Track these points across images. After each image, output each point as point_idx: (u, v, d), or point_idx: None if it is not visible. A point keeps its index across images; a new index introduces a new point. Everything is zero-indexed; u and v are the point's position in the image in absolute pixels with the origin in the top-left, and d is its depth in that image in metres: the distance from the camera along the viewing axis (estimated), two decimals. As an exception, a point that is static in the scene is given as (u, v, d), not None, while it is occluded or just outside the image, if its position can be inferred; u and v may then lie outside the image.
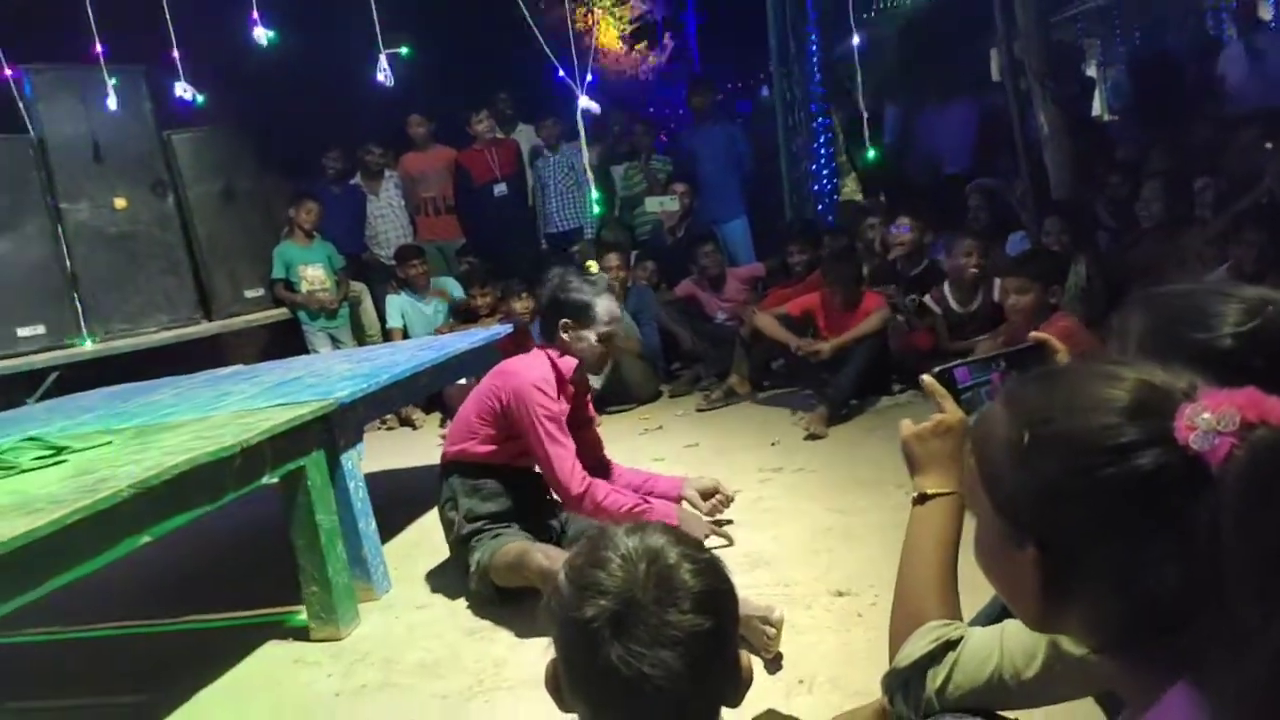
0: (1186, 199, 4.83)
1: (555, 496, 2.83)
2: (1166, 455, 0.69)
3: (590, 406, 3.10)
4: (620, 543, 0.92)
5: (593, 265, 2.82)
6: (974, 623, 1.22)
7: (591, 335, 2.79)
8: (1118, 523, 0.70)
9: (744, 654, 0.95)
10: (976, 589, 1.06)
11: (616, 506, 2.66)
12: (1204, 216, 4.68)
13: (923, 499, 1.25)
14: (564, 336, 2.80)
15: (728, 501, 3.04)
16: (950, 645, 1.12)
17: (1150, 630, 0.71)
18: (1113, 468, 0.70)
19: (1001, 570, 0.81)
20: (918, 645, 1.14)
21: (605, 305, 2.81)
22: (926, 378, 1.28)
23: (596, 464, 3.02)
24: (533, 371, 2.76)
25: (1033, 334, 1.35)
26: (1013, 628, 1.10)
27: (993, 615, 1.44)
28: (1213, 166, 5.33)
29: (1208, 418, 0.67)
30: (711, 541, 2.79)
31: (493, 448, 2.80)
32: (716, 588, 0.91)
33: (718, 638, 0.89)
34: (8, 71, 4.90)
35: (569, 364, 2.82)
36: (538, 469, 2.81)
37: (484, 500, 2.78)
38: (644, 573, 0.89)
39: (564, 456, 2.69)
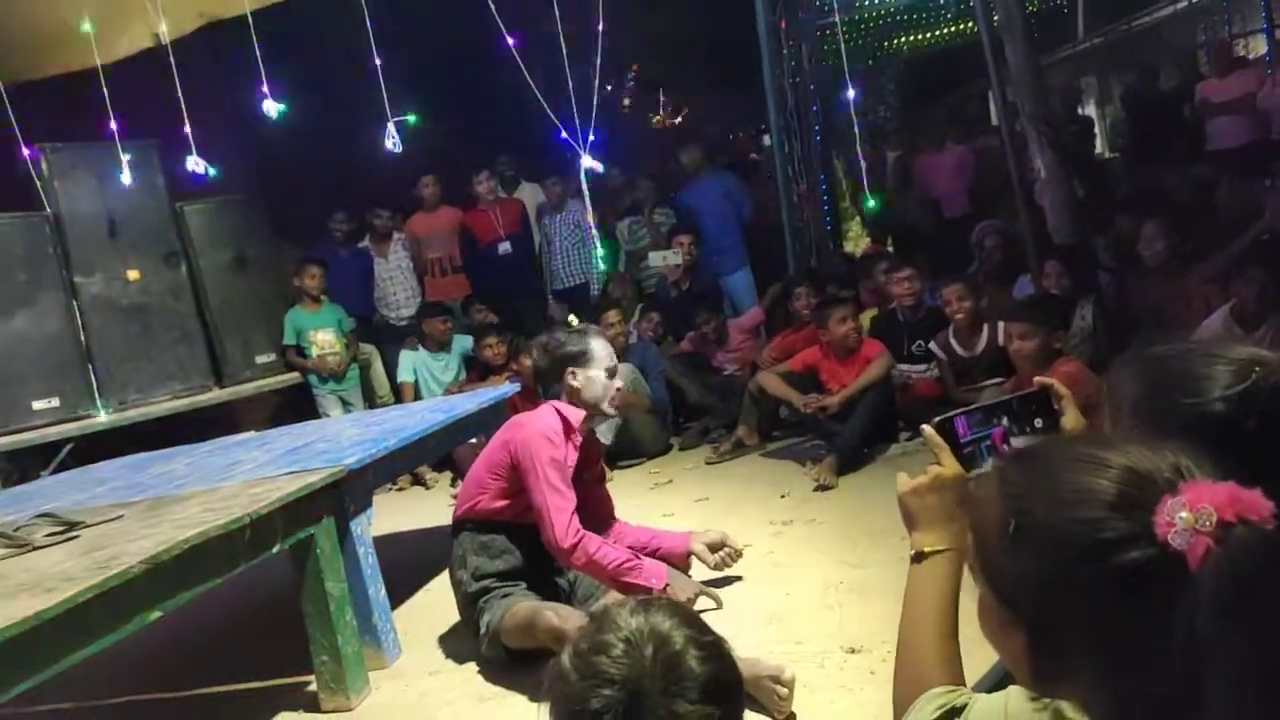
0: (1189, 237, 4.85)
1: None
2: (1148, 551, 0.69)
3: (601, 463, 3.10)
4: (624, 624, 0.92)
5: (573, 318, 2.89)
6: (977, 688, 1.21)
7: (599, 373, 2.83)
8: (1101, 617, 0.71)
9: None
10: (981, 643, 1.05)
11: (607, 561, 2.63)
12: (1206, 254, 4.69)
13: (920, 557, 1.23)
14: (572, 383, 2.83)
15: (736, 555, 3.02)
16: (955, 713, 1.11)
17: (1137, 717, 0.71)
18: (1095, 565, 0.70)
19: (998, 641, 0.82)
20: (921, 714, 1.13)
21: (600, 344, 2.89)
22: (927, 428, 1.27)
23: (603, 523, 3.02)
24: (541, 422, 2.78)
25: (1037, 379, 1.34)
26: (1016, 694, 1.09)
27: (996, 680, 1.42)
28: (1212, 203, 5.38)
29: (1185, 516, 0.67)
30: (700, 604, 2.75)
31: (503, 503, 2.80)
32: (723, 675, 0.91)
33: None
34: (25, 151, 5.04)
35: (577, 414, 2.83)
36: None
37: (492, 558, 2.77)
38: (650, 659, 0.88)
39: (562, 507, 2.66)
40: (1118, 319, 4.36)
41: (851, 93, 4.96)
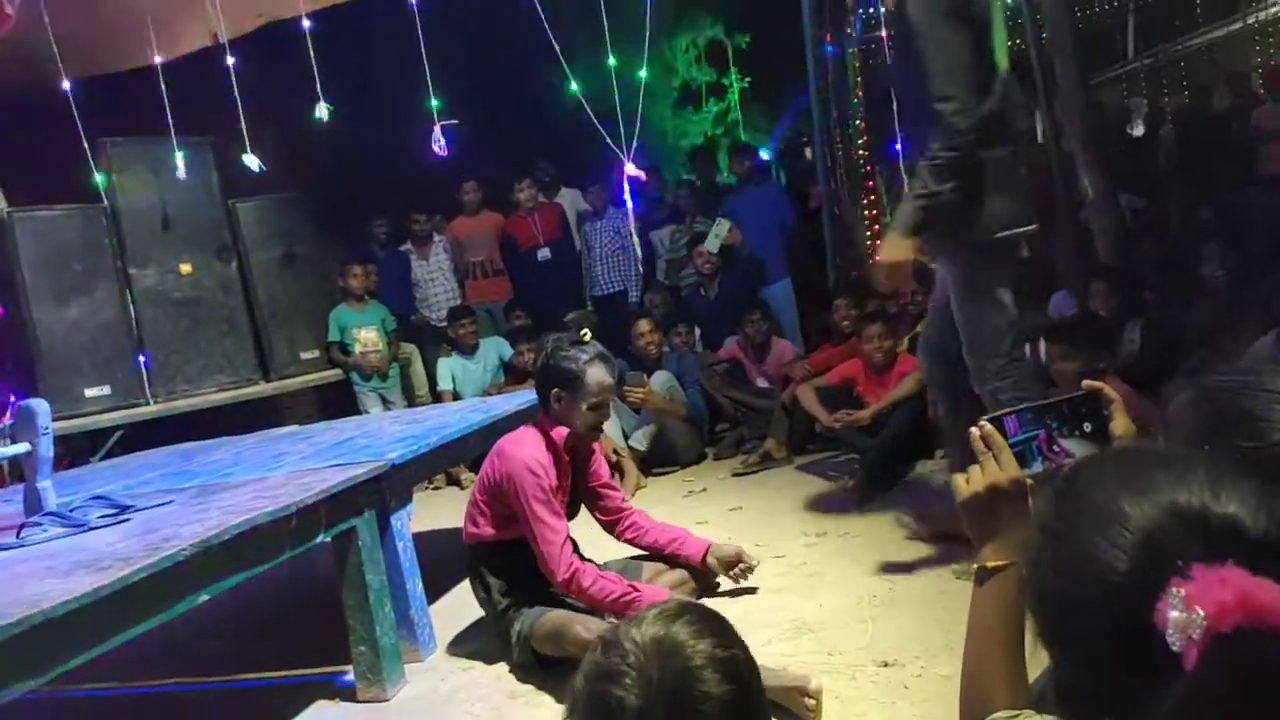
0: (1241, 261, 4.77)
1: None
2: (1146, 626, 0.65)
3: (603, 465, 3.08)
4: (630, 651, 0.90)
5: (586, 333, 2.80)
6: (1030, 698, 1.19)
7: (581, 405, 2.76)
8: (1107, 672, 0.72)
9: None
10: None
11: (603, 595, 2.62)
12: (1254, 279, 4.61)
13: (983, 575, 1.20)
14: (555, 406, 2.79)
15: (749, 570, 3.02)
16: None
17: None
18: (1105, 620, 0.71)
19: None
20: None
21: (595, 375, 2.74)
22: (975, 431, 1.23)
23: (617, 516, 3.05)
24: (523, 451, 2.75)
25: (1085, 382, 1.30)
26: None
27: (1042, 689, 1.41)
28: (1262, 229, 5.28)
29: (1177, 616, 0.62)
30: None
31: (493, 531, 2.81)
32: (744, 691, 0.90)
33: None
34: (85, 144, 5.18)
35: (561, 433, 2.81)
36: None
37: (509, 579, 2.80)
38: (658, 681, 0.87)
39: (552, 540, 2.66)
40: (1167, 342, 4.30)
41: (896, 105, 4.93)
